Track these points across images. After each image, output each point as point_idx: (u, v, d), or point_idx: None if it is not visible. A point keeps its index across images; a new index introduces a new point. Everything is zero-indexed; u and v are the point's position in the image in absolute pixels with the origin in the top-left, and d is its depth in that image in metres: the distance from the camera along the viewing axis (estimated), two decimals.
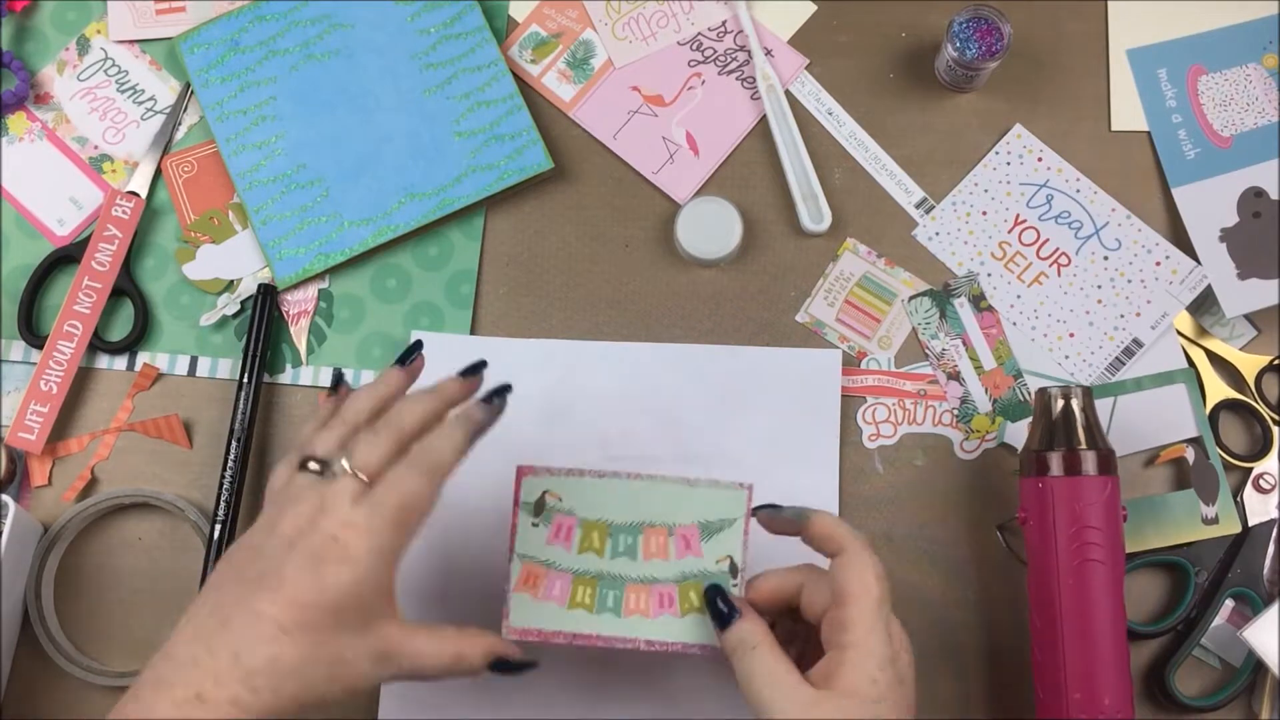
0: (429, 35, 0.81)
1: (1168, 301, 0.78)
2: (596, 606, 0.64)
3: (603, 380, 0.78)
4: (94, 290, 0.78)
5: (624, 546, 0.65)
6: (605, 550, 0.65)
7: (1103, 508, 0.69)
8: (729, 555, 0.64)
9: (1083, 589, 0.68)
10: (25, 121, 0.82)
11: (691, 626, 0.64)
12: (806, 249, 0.80)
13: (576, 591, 0.64)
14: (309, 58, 0.81)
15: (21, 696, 0.76)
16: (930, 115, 0.82)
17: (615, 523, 0.65)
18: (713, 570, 0.64)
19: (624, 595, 0.64)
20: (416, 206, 0.79)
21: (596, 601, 0.64)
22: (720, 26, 0.83)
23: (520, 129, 0.80)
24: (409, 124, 0.80)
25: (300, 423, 0.79)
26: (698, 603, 0.64)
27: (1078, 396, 0.71)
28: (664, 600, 0.64)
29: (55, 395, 0.77)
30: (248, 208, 0.80)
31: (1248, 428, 0.79)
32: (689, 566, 0.64)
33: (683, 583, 0.64)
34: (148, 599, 0.77)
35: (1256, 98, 0.80)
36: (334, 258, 0.79)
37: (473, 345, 0.79)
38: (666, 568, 0.64)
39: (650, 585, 0.64)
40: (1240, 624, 0.73)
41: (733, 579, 0.64)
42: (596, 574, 0.64)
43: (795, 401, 0.77)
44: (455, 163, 0.80)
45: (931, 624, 0.76)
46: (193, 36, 0.81)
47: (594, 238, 0.81)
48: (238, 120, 0.81)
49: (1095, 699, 0.68)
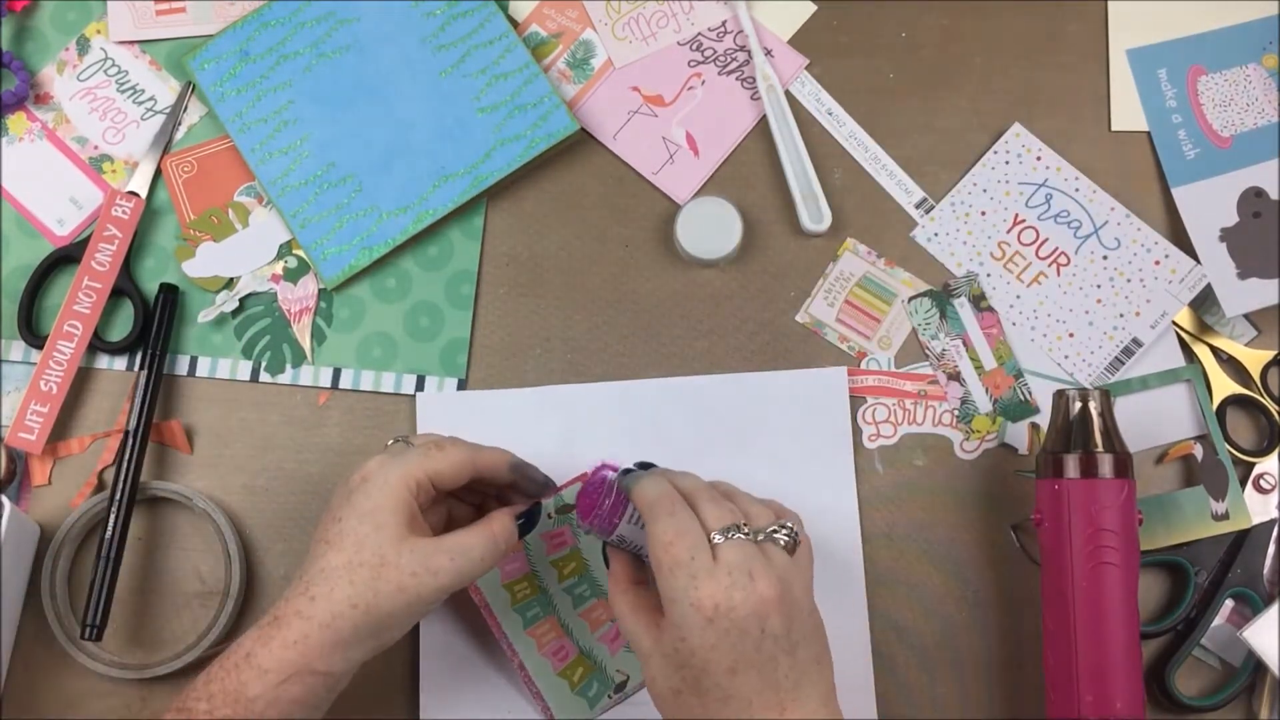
0: (436, 17, 0.81)
1: (1167, 301, 0.78)
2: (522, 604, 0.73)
3: (610, 421, 0.78)
4: (94, 290, 0.78)
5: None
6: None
7: (1119, 511, 0.69)
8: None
9: (1097, 591, 0.68)
10: (25, 121, 0.83)
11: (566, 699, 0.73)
12: (806, 249, 0.81)
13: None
14: (321, 57, 0.81)
15: (22, 692, 0.76)
16: (930, 115, 0.82)
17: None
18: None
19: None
20: (451, 187, 0.79)
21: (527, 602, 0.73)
22: (720, 26, 0.83)
23: (541, 96, 0.80)
24: (430, 107, 0.80)
25: (300, 422, 0.79)
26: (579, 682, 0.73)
27: (1095, 399, 0.71)
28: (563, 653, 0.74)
29: (55, 395, 0.77)
30: (284, 214, 0.80)
31: (1254, 423, 0.79)
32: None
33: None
34: (153, 594, 0.77)
35: (1256, 98, 0.80)
36: (377, 250, 0.79)
37: (476, 400, 0.78)
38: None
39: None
40: (1240, 624, 0.73)
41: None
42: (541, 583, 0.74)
43: (805, 423, 0.77)
44: (482, 139, 0.80)
45: (931, 624, 0.76)
46: (201, 53, 0.81)
47: (594, 238, 0.81)
48: (260, 129, 0.81)
49: (1107, 700, 0.68)
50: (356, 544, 0.63)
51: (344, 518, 0.64)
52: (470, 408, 0.78)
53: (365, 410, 0.79)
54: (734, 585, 0.59)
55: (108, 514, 0.74)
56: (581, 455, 0.77)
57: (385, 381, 0.79)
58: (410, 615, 0.64)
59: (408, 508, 0.64)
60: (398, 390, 0.79)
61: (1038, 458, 0.73)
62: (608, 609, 0.74)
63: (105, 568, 0.74)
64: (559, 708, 0.73)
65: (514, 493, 0.71)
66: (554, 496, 0.74)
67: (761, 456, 0.77)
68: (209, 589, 0.77)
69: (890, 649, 0.76)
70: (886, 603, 0.76)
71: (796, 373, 0.78)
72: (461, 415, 0.78)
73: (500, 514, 0.68)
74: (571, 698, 0.73)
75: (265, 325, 0.80)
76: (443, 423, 0.76)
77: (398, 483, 0.64)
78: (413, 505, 0.64)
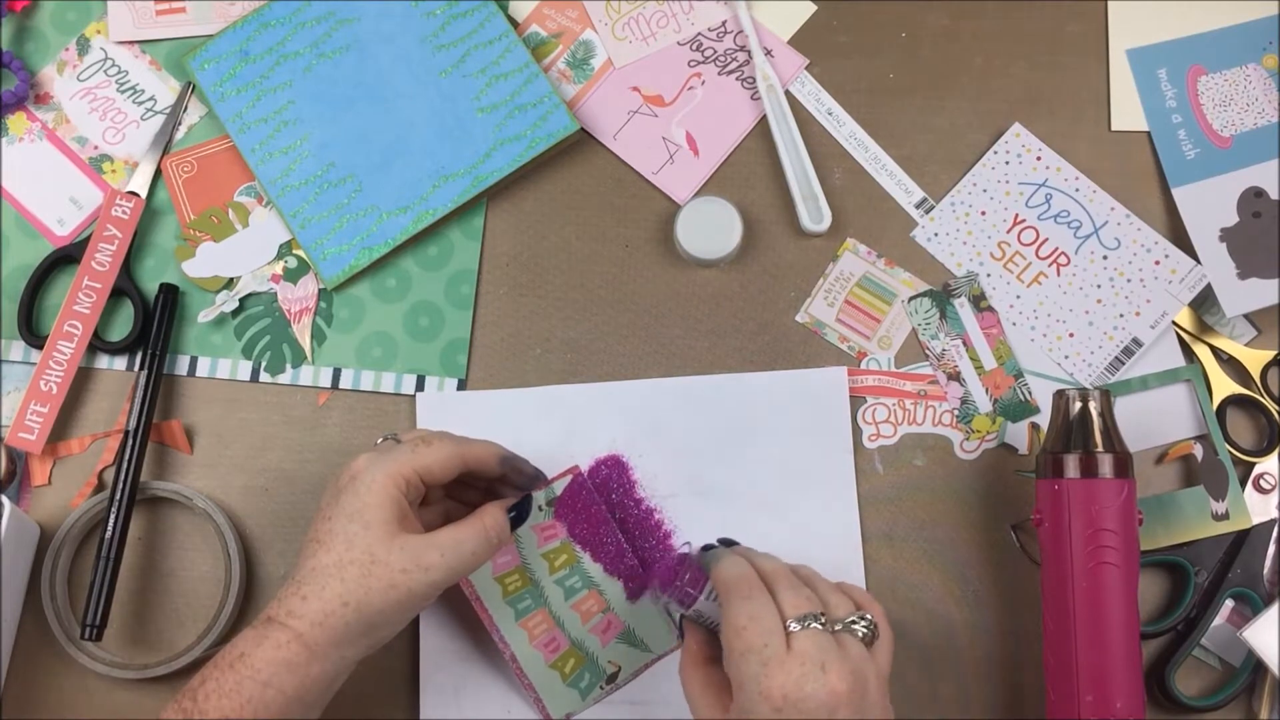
0: (435, 17, 0.81)
1: (1167, 301, 0.78)
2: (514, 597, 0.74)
3: (611, 421, 0.78)
4: (94, 290, 0.78)
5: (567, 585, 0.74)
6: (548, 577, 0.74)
7: (1119, 511, 0.69)
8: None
9: (1097, 591, 0.68)
10: (25, 121, 0.83)
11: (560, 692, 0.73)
12: (806, 249, 0.80)
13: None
14: (321, 57, 0.81)
15: (22, 692, 0.76)
16: (930, 115, 0.82)
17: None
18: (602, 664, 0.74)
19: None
20: (451, 187, 0.79)
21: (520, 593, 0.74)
22: (720, 26, 0.83)
23: (541, 96, 0.80)
24: (430, 107, 0.80)
25: (300, 423, 0.79)
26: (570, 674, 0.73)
27: (1095, 399, 0.71)
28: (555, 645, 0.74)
29: (55, 395, 0.77)
30: (284, 214, 0.80)
31: (1254, 423, 0.79)
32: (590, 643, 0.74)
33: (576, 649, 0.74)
34: (153, 594, 0.77)
35: (1256, 98, 0.80)
36: (377, 250, 0.79)
37: (473, 399, 0.78)
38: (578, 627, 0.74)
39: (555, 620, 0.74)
40: (1240, 624, 0.73)
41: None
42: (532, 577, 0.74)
43: (805, 423, 0.77)
44: (482, 139, 0.80)
45: (931, 624, 0.76)
46: (201, 53, 0.81)
47: (594, 238, 0.81)
48: (260, 129, 0.81)
49: (1108, 701, 0.68)
50: (346, 542, 0.63)
51: (333, 517, 0.64)
52: (470, 408, 0.78)
53: (365, 410, 0.79)
54: (805, 676, 0.58)
55: (108, 514, 0.75)
56: (581, 455, 0.77)
57: (385, 381, 0.79)
58: (403, 612, 0.64)
59: (397, 505, 0.64)
60: (398, 390, 0.79)
61: (1038, 458, 0.73)
62: (599, 600, 0.74)
63: (105, 568, 0.74)
64: (551, 699, 0.73)
65: (504, 486, 0.71)
66: (544, 489, 0.74)
67: (761, 456, 0.77)
68: (209, 589, 0.77)
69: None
70: (887, 603, 0.76)
71: (796, 373, 0.78)
72: (462, 415, 0.78)
73: (491, 507, 0.68)
74: (563, 689, 0.73)
75: (265, 325, 0.80)
76: (443, 423, 0.76)
77: (386, 480, 0.64)
78: (402, 502, 0.64)
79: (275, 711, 0.61)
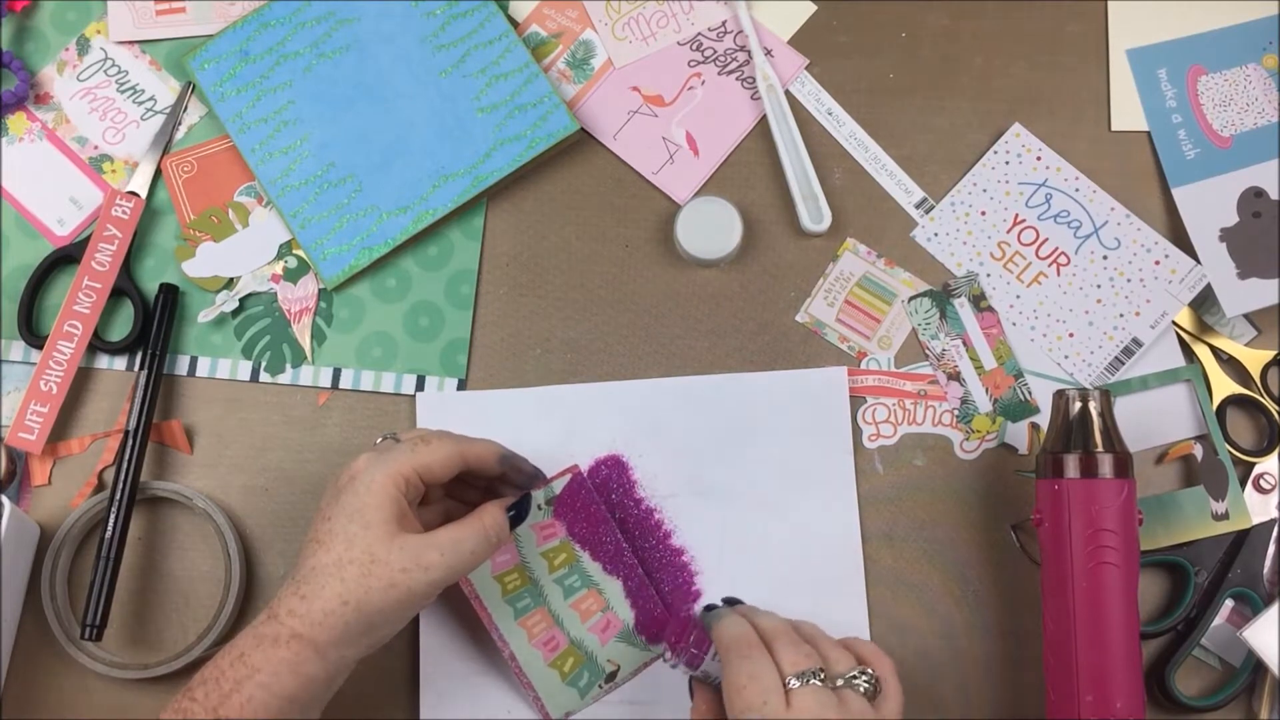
0: (435, 17, 0.81)
1: (1167, 301, 0.78)
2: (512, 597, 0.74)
3: (611, 421, 0.78)
4: (94, 290, 0.78)
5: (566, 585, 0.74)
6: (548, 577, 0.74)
7: (1119, 511, 0.69)
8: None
9: (1097, 591, 0.68)
10: (25, 121, 0.83)
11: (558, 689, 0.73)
12: (806, 249, 0.81)
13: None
14: (321, 57, 0.81)
15: (22, 692, 0.76)
16: (930, 115, 0.82)
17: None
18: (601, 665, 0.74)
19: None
20: (451, 187, 0.79)
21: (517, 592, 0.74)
22: (720, 26, 0.83)
23: (541, 96, 0.80)
24: (430, 107, 0.80)
25: (300, 423, 0.79)
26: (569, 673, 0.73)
27: (1095, 399, 0.71)
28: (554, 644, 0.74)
29: (55, 395, 0.77)
30: (284, 214, 0.80)
31: (1254, 423, 0.79)
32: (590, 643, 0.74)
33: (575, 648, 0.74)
34: (153, 594, 0.77)
35: (1256, 98, 0.80)
36: (377, 250, 0.79)
37: (473, 399, 0.78)
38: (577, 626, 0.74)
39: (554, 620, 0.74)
40: (1240, 624, 0.73)
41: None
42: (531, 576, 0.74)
43: (805, 423, 0.77)
44: (482, 139, 0.80)
45: (931, 624, 0.76)
46: (201, 53, 0.81)
47: (594, 238, 0.81)
48: (260, 129, 0.81)
49: (1108, 701, 0.68)
50: (346, 542, 0.63)
51: (333, 517, 0.64)
52: (470, 408, 0.78)
53: (365, 410, 0.79)
54: None
55: (108, 514, 0.75)
56: (581, 455, 0.77)
57: (385, 381, 0.79)
58: (402, 611, 0.64)
59: (396, 504, 0.64)
60: (398, 390, 0.79)
61: (1038, 458, 0.73)
62: (598, 599, 0.74)
63: (105, 568, 0.74)
64: (550, 698, 0.73)
65: (504, 485, 0.71)
66: (544, 488, 0.74)
67: (761, 456, 0.77)
68: (209, 589, 0.77)
69: (890, 649, 0.75)
70: (886, 603, 0.76)
71: (796, 373, 0.78)
72: (462, 415, 0.78)
73: (490, 506, 0.68)
74: (562, 688, 0.73)
75: (265, 325, 0.80)
76: (443, 423, 0.76)
77: (385, 480, 0.64)
78: (401, 501, 0.64)
79: (275, 711, 0.61)
